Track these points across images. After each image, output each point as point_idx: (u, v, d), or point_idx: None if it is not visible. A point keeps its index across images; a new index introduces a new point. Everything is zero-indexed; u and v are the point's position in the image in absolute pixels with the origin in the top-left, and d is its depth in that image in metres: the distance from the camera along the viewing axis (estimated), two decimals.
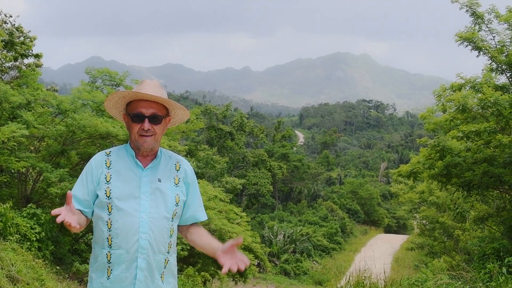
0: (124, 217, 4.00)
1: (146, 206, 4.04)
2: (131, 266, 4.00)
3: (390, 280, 14.27)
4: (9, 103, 16.89)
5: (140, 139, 4.10)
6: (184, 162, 4.38)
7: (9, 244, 12.40)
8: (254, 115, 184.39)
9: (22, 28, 21.03)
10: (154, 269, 4.06)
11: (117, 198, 4.03)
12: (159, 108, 4.16)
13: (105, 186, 4.07)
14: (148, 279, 4.04)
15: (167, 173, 4.24)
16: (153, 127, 4.10)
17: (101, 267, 4.06)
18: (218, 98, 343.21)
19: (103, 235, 4.05)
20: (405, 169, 21.02)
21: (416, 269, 39.18)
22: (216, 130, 59.19)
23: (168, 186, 4.19)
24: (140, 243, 3.99)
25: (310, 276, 46.44)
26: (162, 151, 4.32)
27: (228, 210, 28.94)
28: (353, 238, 65.79)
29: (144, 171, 4.14)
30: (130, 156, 4.19)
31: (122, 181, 4.09)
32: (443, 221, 33.93)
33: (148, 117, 4.08)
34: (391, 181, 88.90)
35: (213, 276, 29.13)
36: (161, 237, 4.09)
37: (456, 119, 18.25)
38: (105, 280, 4.03)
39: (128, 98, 4.18)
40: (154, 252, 4.04)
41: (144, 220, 4.02)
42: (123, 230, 4.00)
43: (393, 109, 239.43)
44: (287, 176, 71.78)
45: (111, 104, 4.29)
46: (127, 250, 3.99)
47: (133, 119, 4.11)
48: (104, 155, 4.23)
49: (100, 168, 4.14)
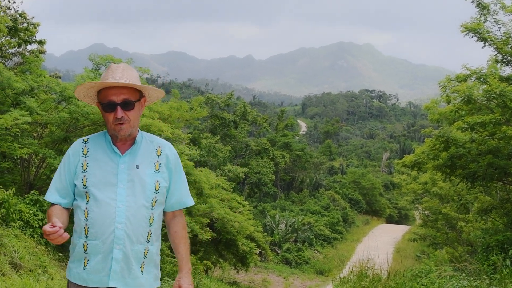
0: (100, 206, 3.92)
1: (123, 195, 3.96)
2: (107, 257, 3.91)
3: (393, 271, 14.19)
4: (13, 90, 16.86)
5: (116, 128, 3.99)
6: (166, 147, 4.25)
7: (12, 231, 12.38)
8: (257, 104, 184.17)
9: (26, 14, 20.98)
10: (132, 260, 3.96)
11: (93, 187, 3.94)
12: (131, 93, 4.04)
13: (81, 174, 3.99)
14: (124, 270, 3.95)
15: (147, 158, 4.13)
16: (126, 114, 3.98)
17: (78, 257, 3.98)
18: (220, 86, 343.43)
19: (80, 224, 3.97)
20: (409, 160, 20.99)
21: (418, 260, 39.25)
22: (219, 119, 59.12)
23: (147, 173, 4.08)
24: (116, 233, 3.90)
25: (312, 265, 46.54)
26: (143, 135, 4.22)
27: (231, 199, 28.97)
28: (354, 228, 65.82)
29: (122, 158, 4.04)
30: (108, 142, 4.10)
31: (99, 169, 4.00)
32: (446, 212, 33.84)
33: (120, 104, 3.97)
34: (393, 171, 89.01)
35: (215, 264, 29.22)
36: (139, 226, 3.99)
37: (461, 110, 18.16)
38: (82, 271, 3.96)
39: (96, 87, 4.07)
40: (131, 243, 3.95)
41: (121, 209, 3.93)
42: (99, 219, 3.91)
43: (396, 99, 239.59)
44: (289, 165, 71.71)
45: (82, 95, 4.19)
46: (103, 241, 3.91)
47: (105, 108, 4.01)
48: (81, 143, 4.14)
49: (77, 157, 4.07)
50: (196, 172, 22.95)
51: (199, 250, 26.52)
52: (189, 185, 18.88)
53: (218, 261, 28.92)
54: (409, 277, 13.65)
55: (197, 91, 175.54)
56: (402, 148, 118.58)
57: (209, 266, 28.21)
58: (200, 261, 26.17)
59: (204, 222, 23.69)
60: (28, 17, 20.97)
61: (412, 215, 79.02)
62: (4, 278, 10.02)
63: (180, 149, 22.27)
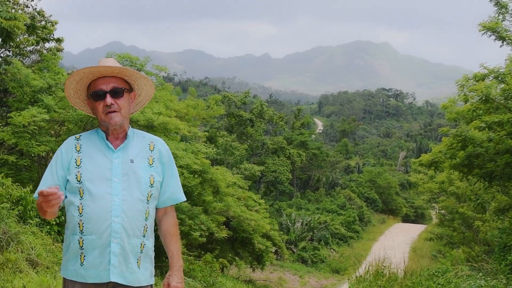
0: (95, 201, 3.91)
1: (118, 189, 3.95)
2: (104, 251, 3.90)
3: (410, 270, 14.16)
4: (30, 87, 16.93)
5: (107, 117, 4.01)
6: (158, 142, 4.27)
7: (29, 228, 12.42)
8: (273, 102, 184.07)
9: (44, 12, 21.02)
10: (129, 254, 3.96)
11: (88, 181, 3.94)
12: (119, 82, 4.09)
13: (75, 170, 3.99)
14: (122, 264, 3.94)
15: (140, 153, 4.14)
16: (116, 102, 4.01)
17: (74, 254, 3.97)
18: (237, 84, 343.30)
19: (74, 221, 3.96)
20: (426, 159, 20.94)
21: (434, 259, 39.08)
22: (235, 117, 59.10)
23: (142, 167, 4.09)
24: (113, 227, 3.90)
25: (328, 264, 46.44)
26: (134, 131, 4.23)
27: (247, 197, 28.99)
28: (370, 227, 65.64)
29: (115, 153, 4.05)
30: (100, 138, 4.10)
31: (93, 164, 4.00)
32: (462, 211, 33.74)
33: (109, 92, 4.01)
34: (410, 170, 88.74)
35: (230, 263, 29.21)
36: (136, 220, 3.99)
37: (478, 109, 18.10)
38: (79, 267, 3.94)
39: (85, 79, 4.09)
40: (128, 236, 3.95)
41: (117, 203, 3.93)
42: (94, 214, 3.90)
43: (413, 98, 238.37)
44: (306, 164, 71.61)
45: (72, 93, 4.21)
46: (100, 235, 3.90)
47: (94, 97, 4.04)
48: (74, 139, 4.15)
49: (70, 153, 4.06)
50: (213, 171, 22.97)
51: (215, 248, 26.54)
52: (206, 184, 18.88)
53: (234, 260, 28.91)
54: (425, 277, 13.61)
55: (214, 89, 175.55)
56: (419, 147, 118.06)
57: (225, 264, 28.21)
58: (216, 259, 26.18)
59: (220, 220, 23.71)
60: (46, 15, 21.01)
61: (429, 214, 78.73)
62: (21, 275, 10.06)
63: (197, 147, 22.31)
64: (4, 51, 19.87)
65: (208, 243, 24.25)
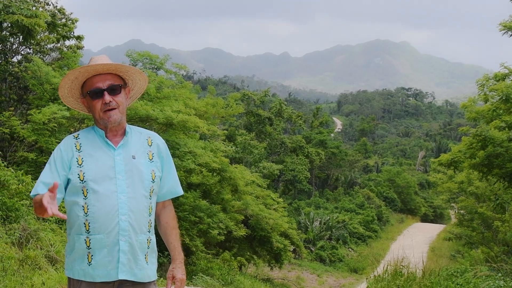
0: (101, 200, 3.92)
1: (123, 186, 3.97)
2: (113, 250, 3.92)
3: (428, 270, 14.10)
4: (51, 85, 17.02)
5: (105, 115, 4.02)
6: (155, 137, 4.30)
7: (48, 225, 12.48)
8: (292, 101, 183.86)
9: (64, 10, 21.09)
10: (138, 251, 3.99)
11: (92, 181, 3.94)
12: (115, 79, 4.10)
13: (77, 169, 3.98)
14: (131, 262, 3.96)
15: (140, 149, 4.16)
16: (114, 99, 4.02)
17: (80, 254, 3.97)
18: (256, 83, 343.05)
19: (79, 221, 3.96)
20: (446, 158, 20.86)
21: (453, 259, 38.94)
22: (254, 116, 59.10)
23: (143, 163, 4.12)
24: (120, 225, 3.92)
25: (346, 263, 46.38)
26: (131, 127, 4.24)
27: (265, 196, 29.00)
28: (389, 226, 65.48)
29: (117, 150, 4.07)
30: (99, 136, 4.11)
31: (95, 163, 4.01)
32: (482, 211, 33.62)
33: (106, 89, 4.02)
34: (429, 170, 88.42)
35: (249, 261, 29.24)
36: (141, 216, 4.02)
37: (498, 109, 18.03)
38: (86, 267, 3.94)
39: (80, 78, 4.09)
40: (136, 233, 3.97)
41: (123, 201, 3.95)
42: (101, 213, 3.91)
43: (432, 98, 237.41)
44: (324, 163, 71.57)
45: (66, 92, 4.20)
46: (107, 234, 3.91)
47: (91, 96, 4.04)
48: (72, 138, 4.14)
49: (70, 152, 4.05)
50: (231, 169, 22.99)
51: (233, 246, 26.57)
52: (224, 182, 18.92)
53: (252, 258, 28.93)
54: (444, 276, 13.56)
55: (233, 88, 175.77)
56: (438, 147, 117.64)
57: (243, 262, 28.25)
58: (234, 257, 26.23)
59: (238, 218, 23.74)
60: (66, 13, 21.09)
61: (448, 214, 78.46)
62: (40, 271, 10.11)
63: (216, 146, 22.33)
64: (25, 49, 19.98)
65: (226, 241, 24.29)
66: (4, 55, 19.26)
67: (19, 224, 11.00)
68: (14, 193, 11.88)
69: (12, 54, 19.68)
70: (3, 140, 17.73)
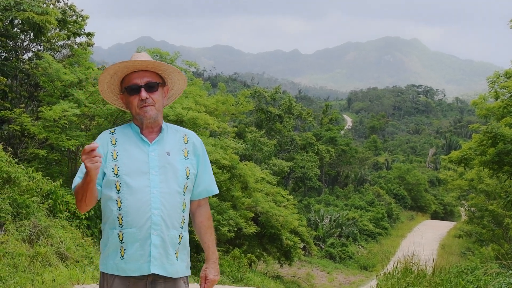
0: (134, 194, 3.94)
1: (156, 181, 3.98)
2: (145, 243, 3.93)
3: (438, 267, 14.07)
4: (61, 82, 17.08)
5: (141, 111, 4.04)
6: (191, 135, 4.32)
7: (59, 222, 12.53)
8: (302, 98, 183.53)
9: (75, 7, 21.16)
10: (169, 246, 3.99)
11: (126, 175, 3.97)
12: (153, 76, 4.11)
13: (112, 163, 4.01)
14: (163, 256, 3.96)
15: (176, 146, 4.18)
16: (150, 96, 4.05)
17: (114, 248, 3.99)
18: (266, 80, 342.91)
19: (112, 215, 3.98)
20: (456, 155, 20.82)
21: (463, 257, 38.88)
22: (265, 113, 59.10)
23: (178, 159, 4.12)
24: (152, 219, 3.92)
25: (356, 260, 46.41)
26: (167, 125, 4.27)
27: (275, 193, 29.02)
28: (399, 224, 65.43)
29: (151, 146, 4.08)
30: (135, 132, 4.13)
31: (129, 158, 4.03)
32: (492, 209, 33.54)
33: (144, 86, 4.04)
34: (439, 167, 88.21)
35: (258, 258, 29.28)
36: (174, 212, 4.02)
37: (509, 106, 18.00)
38: (119, 261, 3.96)
39: (119, 73, 4.12)
40: (167, 228, 3.97)
41: (155, 195, 3.95)
42: (134, 207, 3.93)
43: (443, 95, 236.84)
44: (334, 160, 71.54)
45: (105, 87, 4.25)
46: (140, 228, 3.92)
47: (129, 92, 4.07)
48: (108, 133, 4.18)
49: (106, 147, 4.08)
50: (241, 166, 23.01)
51: (243, 243, 26.61)
52: (234, 179, 18.96)
53: (262, 255, 28.97)
54: (454, 274, 13.52)
55: (243, 85, 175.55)
56: (449, 144, 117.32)
57: (253, 259, 28.28)
58: (244, 254, 26.25)
59: (248, 216, 23.77)
60: (77, 10, 21.15)
61: (458, 211, 78.28)
62: (51, 268, 10.16)
63: (226, 143, 22.36)
64: (36, 46, 20.07)
65: (236, 238, 24.32)
66: (15, 52, 19.34)
67: (30, 221, 11.05)
68: (25, 190, 11.93)
69: (23, 51, 19.77)
70: (14, 137, 17.82)
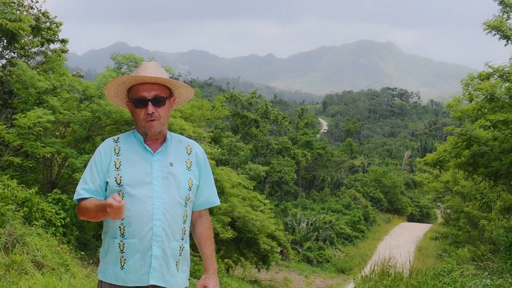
0: (136, 204, 3.92)
1: (159, 192, 3.96)
2: (145, 254, 3.92)
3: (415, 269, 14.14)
4: (35, 88, 16.98)
5: (147, 125, 4.02)
6: (195, 145, 4.30)
7: (35, 229, 12.45)
8: (278, 102, 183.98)
9: (48, 13, 21.04)
10: (170, 257, 3.98)
11: (128, 185, 3.95)
12: (161, 89, 4.08)
13: (115, 173, 3.99)
14: (163, 268, 3.96)
15: (179, 156, 4.16)
16: (157, 110, 4.01)
17: (114, 257, 3.98)
18: (242, 85, 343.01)
19: (114, 224, 3.97)
20: (431, 158, 20.95)
21: (440, 259, 39.07)
22: (241, 117, 59.11)
23: (181, 170, 4.11)
24: (154, 230, 3.91)
25: (333, 264, 46.45)
26: (171, 135, 4.24)
27: (252, 197, 28.99)
28: (376, 227, 65.66)
29: (155, 156, 4.06)
30: (138, 141, 4.11)
31: (132, 167, 4.01)
32: (468, 210, 33.76)
33: (151, 100, 4.00)
34: (415, 169, 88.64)
35: (236, 263, 29.23)
36: (175, 223, 4.01)
37: (483, 108, 18.12)
38: (119, 270, 3.95)
39: (128, 83, 4.09)
40: (169, 239, 3.97)
41: (158, 206, 3.94)
42: (136, 217, 3.91)
43: (417, 97, 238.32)
44: (311, 164, 71.74)
45: (112, 93, 4.21)
46: (141, 239, 3.91)
47: (136, 104, 4.03)
48: (112, 141, 4.15)
49: (109, 155, 4.07)
50: (218, 171, 23.00)
51: (221, 248, 26.55)
52: None
53: (239, 260, 28.94)
54: (431, 276, 13.61)
55: (218, 90, 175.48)
56: (424, 146, 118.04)
57: (230, 264, 28.23)
58: (221, 259, 26.20)
59: (225, 220, 23.73)
60: (50, 16, 21.03)
61: (434, 213, 78.80)
62: (27, 276, 10.08)
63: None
64: (9, 53, 19.92)
65: None
66: None
67: (5, 229, 10.95)
68: (0, 198, 11.83)
69: None
70: None
